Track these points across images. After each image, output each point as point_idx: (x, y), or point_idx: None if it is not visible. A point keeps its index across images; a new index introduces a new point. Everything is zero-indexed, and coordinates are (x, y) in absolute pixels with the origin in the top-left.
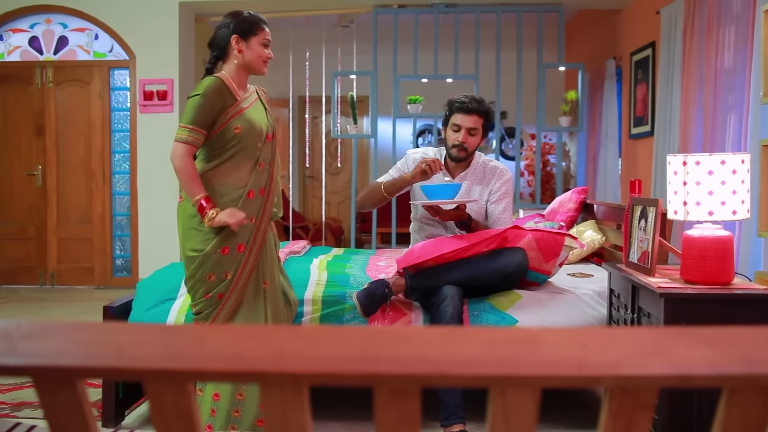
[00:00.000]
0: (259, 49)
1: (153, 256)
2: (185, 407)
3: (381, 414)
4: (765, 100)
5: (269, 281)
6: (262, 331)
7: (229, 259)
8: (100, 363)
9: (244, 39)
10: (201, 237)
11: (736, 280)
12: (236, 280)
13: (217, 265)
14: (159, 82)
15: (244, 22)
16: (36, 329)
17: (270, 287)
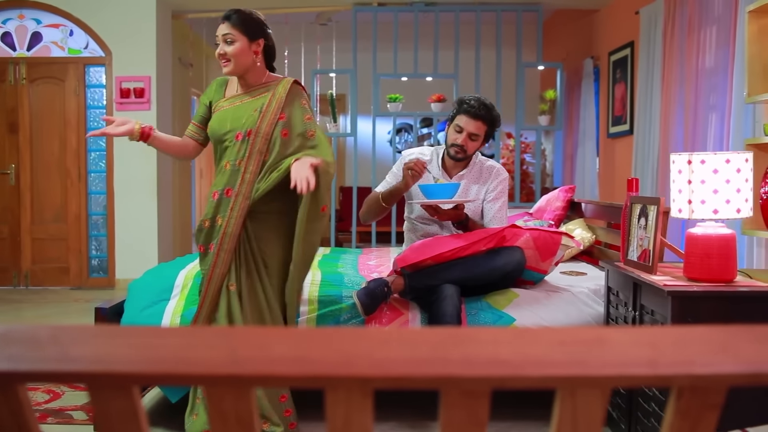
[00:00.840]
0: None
1: (130, 257)
2: (246, 413)
3: (448, 416)
4: (749, 99)
5: (238, 283)
6: (328, 334)
7: (204, 258)
8: (159, 368)
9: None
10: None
11: (738, 278)
12: (207, 282)
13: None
14: (136, 79)
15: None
16: (88, 333)
17: (245, 289)
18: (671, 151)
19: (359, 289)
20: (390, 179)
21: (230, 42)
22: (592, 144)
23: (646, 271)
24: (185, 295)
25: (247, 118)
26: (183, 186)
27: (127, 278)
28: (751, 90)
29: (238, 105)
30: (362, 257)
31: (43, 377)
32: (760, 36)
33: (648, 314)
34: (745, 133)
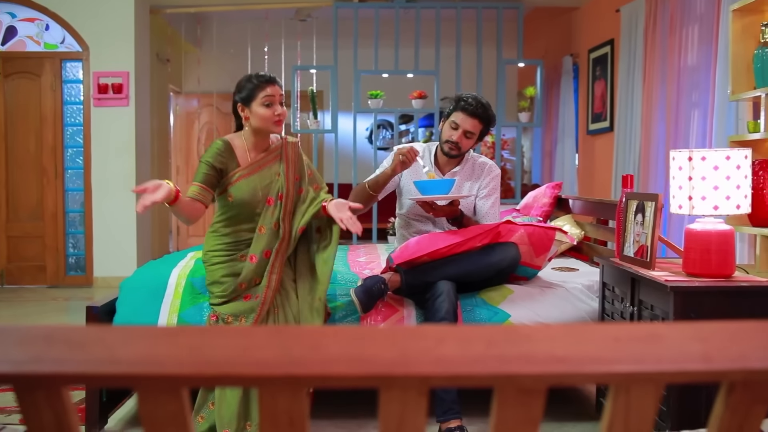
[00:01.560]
0: (261, 111)
1: (108, 254)
2: (300, 414)
3: (502, 414)
4: (734, 97)
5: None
6: (383, 333)
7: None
8: (211, 370)
9: (247, 105)
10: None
11: (736, 273)
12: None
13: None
14: (114, 74)
15: (242, 89)
16: (135, 334)
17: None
18: (653, 148)
19: (356, 287)
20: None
21: (282, 104)
22: (572, 141)
23: (644, 267)
24: (180, 294)
25: (273, 183)
26: None
27: (105, 276)
28: (735, 88)
29: (260, 172)
30: (351, 254)
31: (89, 379)
32: (743, 34)
33: (647, 309)
34: (728, 130)
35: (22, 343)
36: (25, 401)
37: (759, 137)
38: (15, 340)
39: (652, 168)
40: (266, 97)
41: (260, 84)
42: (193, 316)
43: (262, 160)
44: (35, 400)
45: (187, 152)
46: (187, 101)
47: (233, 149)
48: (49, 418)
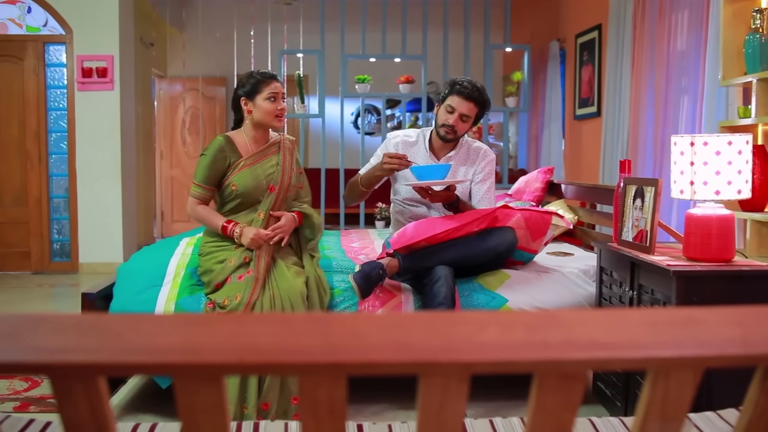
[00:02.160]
0: (265, 105)
1: (94, 240)
2: (339, 402)
3: (542, 399)
4: (724, 83)
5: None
6: (424, 319)
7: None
8: (252, 358)
9: (251, 99)
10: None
11: (736, 257)
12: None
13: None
14: (98, 58)
15: (247, 84)
16: (173, 322)
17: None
18: (641, 133)
19: (355, 273)
20: (374, 161)
21: (284, 99)
22: (558, 126)
23: (643, 252)
24: (178, 282)
25: (273, 173)
26: (146, 168)
27: (91, 262)
28: (726, 73)
29: (262, 162)
30: (344, 239)
31: (127, 369)
32: (734, 20)
33: (647, 294)
34: (718, 115)
35: (56, 332)
36: (61, 391)
37: (749, 122)
38: (49, 329)
39: (641, 153)
40: (271, 92)
41: (265, 79)
42: (190, 305)
43: (263, 150)
44: (71, 390)
45: (171, 137)
46: (171, 86)
47: (234, 143)
48: (84, 408)
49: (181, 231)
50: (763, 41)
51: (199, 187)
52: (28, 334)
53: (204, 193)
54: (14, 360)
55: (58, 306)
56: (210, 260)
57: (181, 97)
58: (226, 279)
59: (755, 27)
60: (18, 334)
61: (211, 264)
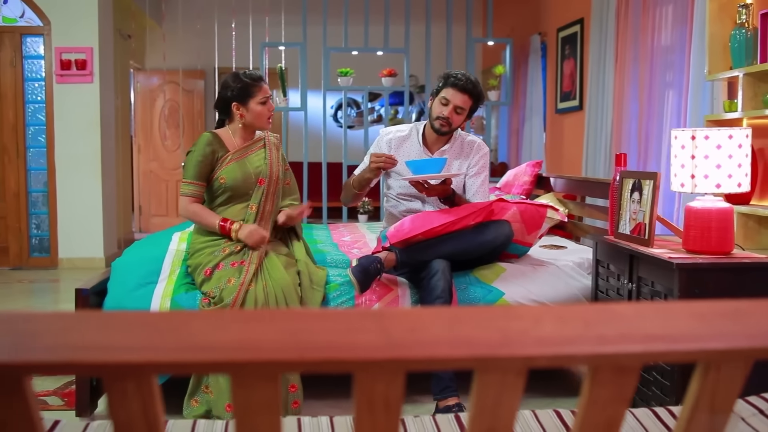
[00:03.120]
0: (258, 108)
1: (74, 235)
2: (396, 398)
3: (595, 393)
4: (710, 77)
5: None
6: (479, 313)
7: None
8: (313, 355)
9: (243, 104)
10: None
11: (734, 250)
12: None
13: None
14: (77, 50)
15: (241, 88)
16: (227, 318)
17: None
18: (625, 126)
19: (353, 267)
20: (367, 160)
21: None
22: (539, 119)
23: (642, 245)
24: (173, 280)
25: (261, 167)
26: (123, 161)
27: (71, 257)
28: (711, 68)
29: (248, 156)
30: (335, 233)
31: (184, 367)
32: (720, 14)
33: (647, 286)
34: (703, 109)
35: (108, 329)
36: (115, 391)
37: (735, 116)
38: (98, 326)
39: (624, 146)
40: (263, 96)
41: (255, 83)
42: (186, 301)
43: (249, 146)
44: (125, 389)
45: (148, 131)
46: (149, 78)
47: (221, 138)
48: (137, 408)
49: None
50: (749, 36)
51: (191, 185)
52: (77, 332)
53: (196, 190)
54: (68, 360)
55: (40, 302)
56: (200, 255)
57: (159, 90)
58: (218, 264)
59: (741, 22)
60: (68, 332)
61: (202, 258)
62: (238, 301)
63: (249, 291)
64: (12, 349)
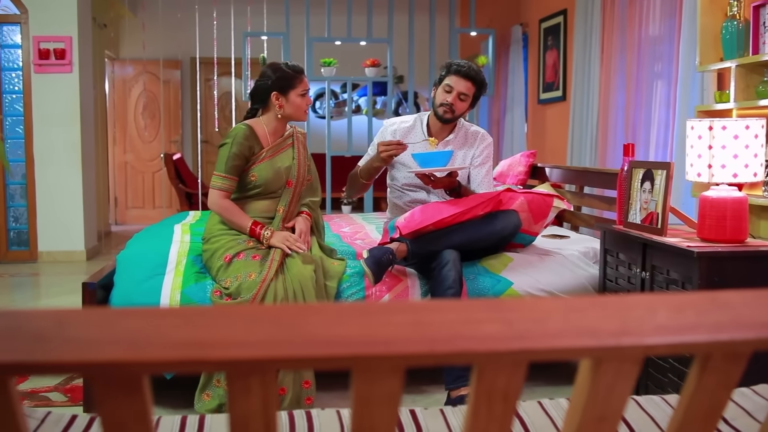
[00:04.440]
0: (298, 100)
1: (54, 228)
2: (515, 389)
3: (703, 380)
4: (701, 68)
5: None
6: (599, 303)
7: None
8: (438, 348)
9: (284, 94)
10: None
11: (748, 239)
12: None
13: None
14: (56, 39)
15: (282, 79)
16: (349, 311)
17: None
18: (611, 117)
19: (366, 258)
20: (372, 152)
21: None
22: (521, 110)
23: (655, 234)
24: (181, 271)
25: (290, 166)
26: (100, 153)
27: (50, 251)
28: (702, 59)
29: (280, 154)
30: (333, 225)
31: (307, 362)
32: (711, 6)
33: (662, 274)
34: (693, 100)
35: (228, 325)
36: (236, 387)
37: (724, 107)
38: (218, 322)
39: (611, 136)
40: (304, 88)
41: (297, 74)
42: (196, 293)
43: (281, 143)
44: (248, 385)
45: (124, 121)
46: (126, 68)
47: (255, 133)
48: (256, 404)
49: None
50: (741, 28)
51: (224, 179)
52: (198, 328)
53: (228, 185)
54: (192, 357)
55: (21, 297)
56: (219, 240)
57: (135, 80)
58: (238, 253)
59: (732, 14)
60: (188, 328)
61: (222, 242)
62: (258, 297)
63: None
64: (131, 346)
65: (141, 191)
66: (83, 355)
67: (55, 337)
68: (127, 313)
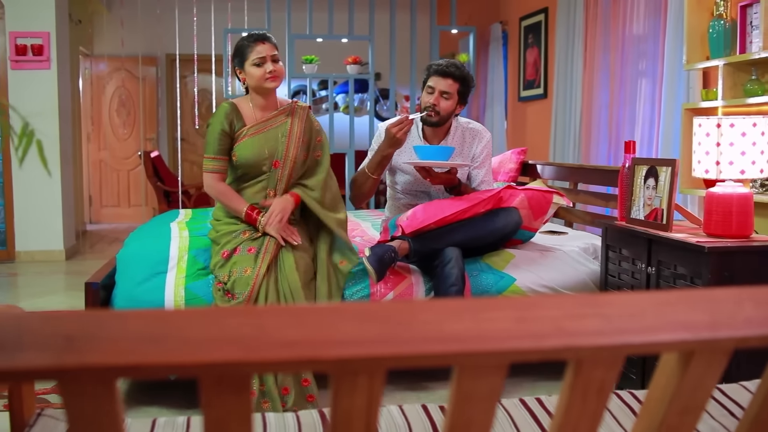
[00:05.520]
0: (252, 70)
1: (32, 227)
2: (609, 383)
3: None
4: (688, 66)
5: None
6: (688, 297)
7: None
8: (540, 344)
9: (241, 67)
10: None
11: (753, 234)
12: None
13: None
14: (33, 35)
15: (237, 51)
16: (457, 308)
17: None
18: (594, 114)
19: (368, 256)
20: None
21: (276, 60)
22: (501, 107)
23: (660, 229)
24: (183, 268)
25: (279, 144)
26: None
27: (28, 250)
28: (689, 58)
29: (266, 132)
30: None
31: (418, 360)
32: (698, 6)
33: (669, 269)
34: (678, 98)
35: (337, 323)
36: (343, 385)
37: (711, 105)
38: (327, 320)
39: (594, 134)
40: (257, 56)
41: (249, 44)
42: (200, 288)
43: (269, 120)
44: (355, 384)
45: (98, 119)
46: (100, 65)
47: (239, 110)
48: (361, 402)
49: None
50: (727, 27)
51: (213, 160)
52: (305, 327)
53: (219, 165)
54: (309, 357)
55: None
56: (220, 233)
57: (109, 77)
58: (235, 249)
59: (719, 13)
60: (296, 327)
61: (221, 237)
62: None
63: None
64: (244, 346)
65: (116, 189)
66: (198, 355)
67: (166, 337)
68: (234, 313)
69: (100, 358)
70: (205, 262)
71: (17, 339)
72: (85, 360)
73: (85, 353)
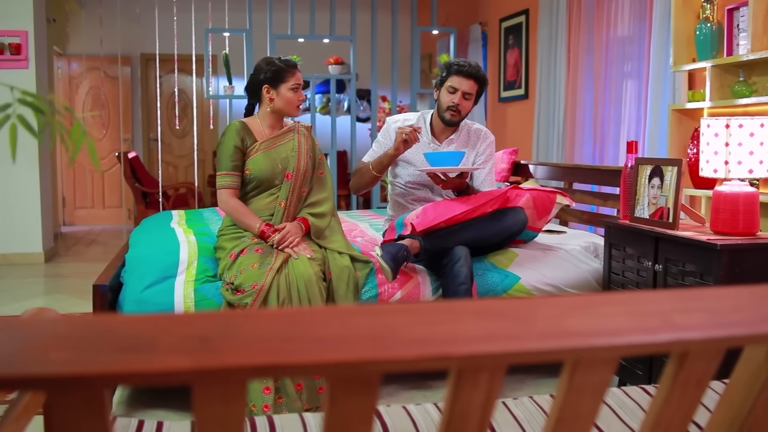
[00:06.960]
0: (288, 95)
1: (10, 230)
2: (708, 376)
3: None
4: (675, 68)
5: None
6: (737, 294)
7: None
8: (650, 338)
9: (274, 87)
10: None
11: (759, 232)
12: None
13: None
14: (11, 34)
15: (273, 72)
16: (571, 303)
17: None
18: (579, 115)
19: (382, 255)
20: (376, 148)
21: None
22: (480, 108)
23: (666, 228)
24: (192, 273)
25: (289, 158)
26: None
27: (6, 253)
28: (676, 60)
29: (277, 147)
30: None
31: (535, 356)
32: (684, 8)
33: (677, 267)
34: (664, 99)
35: (456, 320)
36: (464, 382)
37: (698, 106)
38: (444, 316)
39: (578, 134)
40: (295, 82)
41: (289, 68)
42: (210, 290)
43: (278, 136)
44: (477, 380)
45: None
46: (73, 64)
47: (249, 128)
48: (479, 398)
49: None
50: (714, 29)
51: (226, 176)
52: (437, 323)
53: (233, 181)
54: (439, 354)
55: None
56: (226, 239)
57: (82, 77)
58: (242, 250)
59: (705, 16)
60: (424, 323)
61: (228, 242)
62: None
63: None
64: (375, 344)
65: (90, 191)
66: (332, 355)
67: (298, 337)
68: (364, 312)
69: (235, 359)
70: (214, 270)
71: (152, 341)
72: (221, 361)
73: (220, 354)
